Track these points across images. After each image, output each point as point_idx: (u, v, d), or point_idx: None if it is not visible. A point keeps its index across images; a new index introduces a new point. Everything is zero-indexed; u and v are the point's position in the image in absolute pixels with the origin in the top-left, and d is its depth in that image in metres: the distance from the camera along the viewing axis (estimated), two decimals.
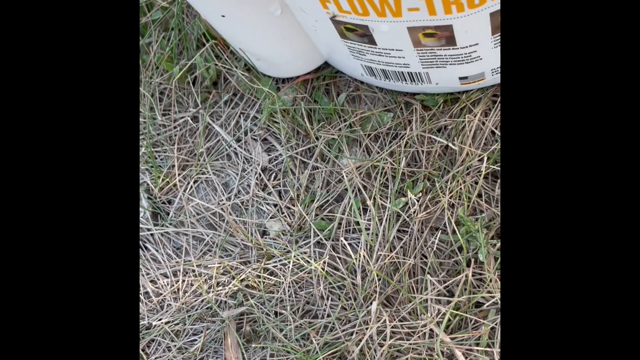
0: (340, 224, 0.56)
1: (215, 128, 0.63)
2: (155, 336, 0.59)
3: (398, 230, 0.54)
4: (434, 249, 0.52)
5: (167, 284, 0.60)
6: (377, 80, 0.56)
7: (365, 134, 0.57)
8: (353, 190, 0.56)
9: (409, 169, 0.55)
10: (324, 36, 0.51)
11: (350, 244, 0.54)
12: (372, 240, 0.53)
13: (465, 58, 0.48)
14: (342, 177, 0.57)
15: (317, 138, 0.58)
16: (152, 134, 0.64)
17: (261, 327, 0.56)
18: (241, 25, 0.53)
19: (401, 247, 0.53)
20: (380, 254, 0.53)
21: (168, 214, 0.63)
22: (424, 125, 0.55)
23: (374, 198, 0.55)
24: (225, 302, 0.58)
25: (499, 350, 0.48)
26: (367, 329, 0.51)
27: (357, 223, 0.56)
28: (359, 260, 0.53)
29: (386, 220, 0.54)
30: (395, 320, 0.51)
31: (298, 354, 0.52)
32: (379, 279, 0.52)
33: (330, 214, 0.57)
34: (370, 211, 0.54)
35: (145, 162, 0.64)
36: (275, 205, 0.59)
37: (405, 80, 0.54)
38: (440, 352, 0.48)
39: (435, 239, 0.52)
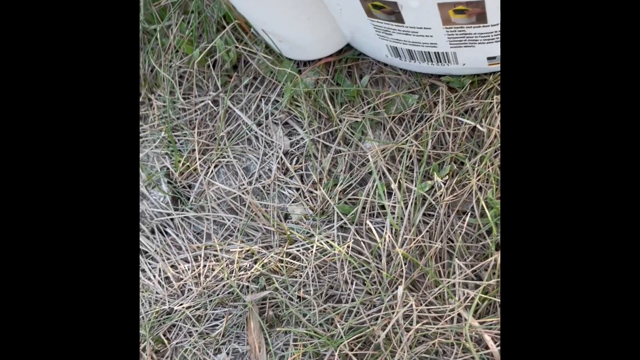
0: (364, 207, 0.55)
1: (236, 112, 0.62)
2: (177, 321, 0.59)
3: (424, 214, 0.53)
4: (462, 232, 0.51)
5: (188, 269, 0.60)
6: (402, 62, 0.55)
7: (389, 117, 0.56)
8: (378, 173, 0.55)
9: (435, 152, 0.54)
10: (349, 15, 0.50)
11: (374, 228, 0.53)
12: (397, 224, 0.52)
13: (495, 36, 0.47)
14: (367, 160, 0.56)
15: (340, 121, 0.57)
16: (172, 118, 0.64)
17: (284, 311, 0.55)
18: (265, 5, 0.52)
19: (427, 231, 0.52)
20: (406, 238, 0.52)
21: (188, 198, 0.62)
22: (450, 107, 0.54)
23: (399, 181, 0.54)
24: (247, 286, 0.57)
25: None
26: (392, 313, 0.50)
27: (382, 207, 0.55)
28: (384, 244, 0.52)
29: (412, 203, 0.53)
30: (422, 304, 0.50)
31: (322, 338, 0.52)
32: (405, 263, 0.51)
33: (354, 198, 0.56)
34: (395, 195, 0.53)
35: (165, 147, 0.64)
36: (297, 190, 0.59)
37: (432, 61, 0.53)
38: (469, 337, 0.47)
39: (462, 222, 0.51)
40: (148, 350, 0.59)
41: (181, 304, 0.59)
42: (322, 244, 0.55)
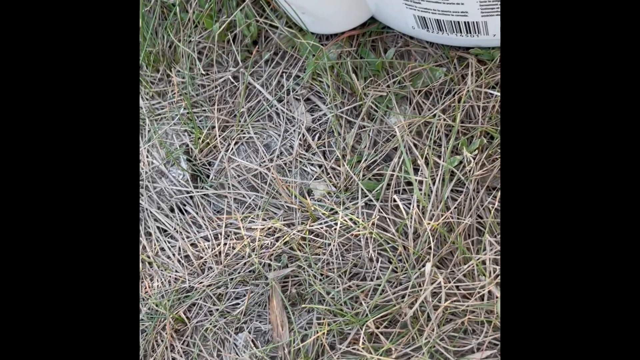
0: (389, 184, 0.54)
1: (257, 87, 0.61)
2: (197, 300, 0.58)
3: (452, 190, 0.52)
4: (492, 208, 0.49)
5: (208, 247, 0.59)
6: (430, 34, 0.53)
7: (415, 91, 0.55)
8: (404, 148, 0.53)
9: (464, 126, 0.52)
10: None
11: (401, 204, 0.52)
12: (424, 200, 0.51)
13: None
14: (391, 135, 0.55)
15: (365, 95, 0.56)
16: (192, 94, 0.62)
17: (307, 289, 0.54)
18: None
19: (456, 207, 0.51)
20: (434, 214, 0.50)
21: (208, 176, 0.61)
22: (479, 80, 0.52)
23: (426, 157, 0.52)
24: (269, 264, 0.56)
25: None
26: (420, 291, 0.49)
27: (408, 183, 0.54)
28: (411, 221, 0.51)
29: (439, 179, 0.51)
30: (450, 282, 0.49)
31: (347, 316, 0.50)
32: (433, 240, 0.50)
33: (379, 174, 0.55)
34: (422, 170, 0.52)
35: (184, 123, 0.62)
36: (320, 166, 0.57)
37: (461, 32, 0.51)
38: (500, 315, 0.45)
39: (492, 198, 0.50)
40: (168, 329, 0.58)
41: (201, 282, 0.58)
42: (346, 220, 0.54)
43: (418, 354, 0.48)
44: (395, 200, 0.53)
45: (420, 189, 0.52)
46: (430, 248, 0.50)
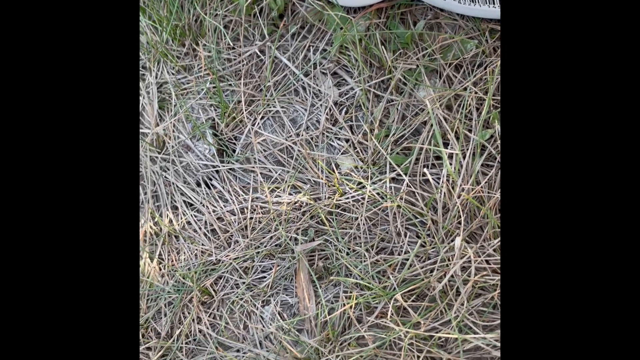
0: (418, 158, 0.53)
1: (283, 61, 0.60)
2: (223, 273, 0.59)
3: (483, 164, 0.51)
4: None
5: (235, 221, 0.59)
6: (461, 5, 0.52)
7: (446, 63, 0.54)
8: (434, 120, 0.53)
9: (495, 99, 0.51)
10: None
11: (431, 178, 0.51)
12: (454, 174, 0.50)
13: None
14: (420, 109, 0.54)
15: (394, 68, 0.55)
16: (218, 68, 0.62)
17: (334, 263, 0.54)
18: None
19: (486, 181, 0.50)
20: (464, 188, 0.50)
21: (234, 151, 0.61)
22: None
23: (456, 130, 0.51)
24: (296, 238, 0.56)
25: None
26: (448, 265, 0.49)
27: (437, 157, 0.53)
28: (441, 195, 0.50)
29: (470, 153, 0.50)
30: (480, 256, 0.48)
31: (374, 289, 0.50)
32: (463, 214, 0.49)
33: (407, 149, 0.54)
34: (452, 144, 0.51)
35: (210, 98, 0.62)
36: (347, 141, 0.57)
37: (494, 3, 0.50)
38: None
39: None
40: (195, 302, 0.58)
41: (228, 256, 0.58)
42: (373, 194, 0.53)
43: (447, 328, 0.48)
44: (424, 174, 0.52)
45: (450, 163, 0.51)
46: (459, 222, 0.50)
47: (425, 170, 0.50)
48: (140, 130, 0.65)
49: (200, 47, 0.63)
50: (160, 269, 0.61)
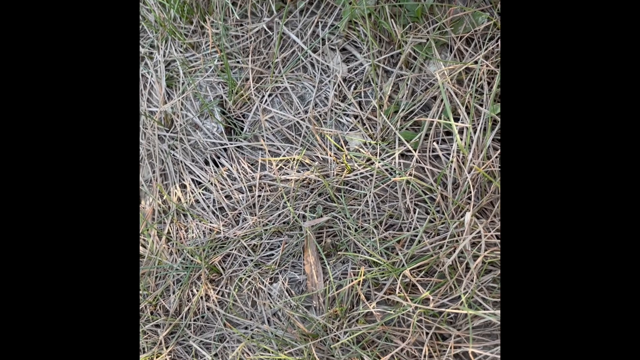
0: (427, 134, 0.52)
1: (292, 37, 0.59)
2: (231, 250, 0.58)
3: (493, 139, 0.50)
4: None
5: (243, 199, 0.59)
6: None
7: (456, 37, 0.53)
8: (442, 100, 0.52)
9: None
10: None
11: (441, 154, 0.50)
12: (465, 148, 0.49)
13: None
14: (430, 84, 0.53)
15: (404, 42, 0.54)
16: (226, 45, 0.62)
17: (342, 240, 0.54)
18: None
19: (497, 156, 0.49)
20: (474, 163, 0.49)
21: (242, 128, 0.61)
22: None
23: (467, 105, 0.50)
24: (304, 215, 0.56)
25: None
26: (458, 240, 0.48)
27: (447, 133, 0.52)
28: (451, 170, 0.50)
29: (481, 127, 0.49)
30: (490, 231, 0.47)
31: (383, 265, 0.50)
32: (473, 189, 0.48)
33: (416, 125, 0.54)
34: (462, 119, 0.50)
35: (218, 75, 0.62)
36: (355, 117, 0.56)
37: None
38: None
39: None
40: (203, 279, 0.58)
41: (235, 234, 0.58)
42: (382, 170, 0.53)
43: (456, 304, 0.47)
44: (434, 150, 0.52)
45: (461, 138, 0.50)
46: (469, 198, 0.49)
47: (435, 145, 0.49)
48: (148, 109, 0.65)
49: (208, 24, 0.62)
50: (168, 247, 0.61)
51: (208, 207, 0.61)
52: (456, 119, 0.52)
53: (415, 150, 0.52)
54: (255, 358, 0.54)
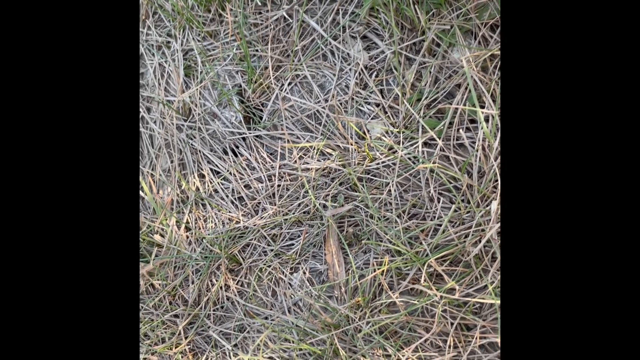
0: (451, 122, 0.52)
1: (312, 24, 0.59)
2: (251, 240, 0.58)
3: None
4: None
5: (262, 189, 0.58)
6: None
7: (481, 23, 0.52)
8: (467, 87, 0.51)
9: None
10: None
11: (468, 143, 0.50)
12: (491, 136, 0.48)
13: None
14: (454, 71, 0.52)
15: (427, 29, 0.53)
16: (244, 33, 0.61)
17: (364, 229, 0.53)
18: None
19: None
20: (500, 151, 0.48)
21: (261, 117, 0.60)
22: None
23: (492, 92, 0.49)
24: (325, 205, 0.55)
25: None
26: (484, 230, 0.47)
27: (472, 121, 0.51)
28: (476, 159, 0.49)
29: None
30: None
31: (407, 254, 0.49)
32: (499, 178, 0.47)
33: (440, 112, 0.53)
34: (488, 106, 0.49)
35: (237, 64, 0.61)
36: (377, 105, 0.55)
37: None
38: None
39: None
40: (223, 269, 0.58)
41: (255, 223, 0.58)
42: (405, 159, 0.52)
43: (482, 293, 0.47)
44: (458, 138, 0.51)
45: (486, 126, 0.49)
46: (495, 187, 0.48)
47: (461, 132, 0.48)
48: (166, 98, 0.64)
49: (226, 12, 0.61)
50: (187, 237, 0.61)
51: (227, 196, 0.60)
52: (481, 107, 0.51)
53: (439, 139, 0.51)
54: (276, 348, 0.53)
